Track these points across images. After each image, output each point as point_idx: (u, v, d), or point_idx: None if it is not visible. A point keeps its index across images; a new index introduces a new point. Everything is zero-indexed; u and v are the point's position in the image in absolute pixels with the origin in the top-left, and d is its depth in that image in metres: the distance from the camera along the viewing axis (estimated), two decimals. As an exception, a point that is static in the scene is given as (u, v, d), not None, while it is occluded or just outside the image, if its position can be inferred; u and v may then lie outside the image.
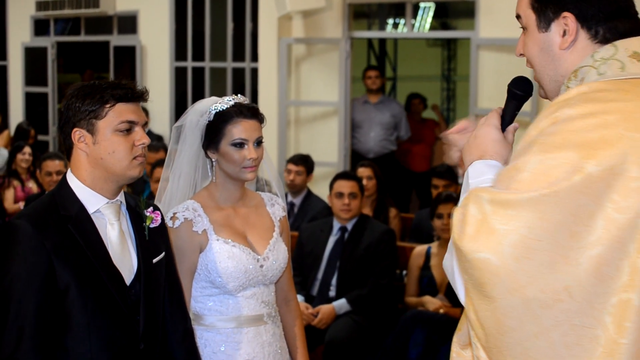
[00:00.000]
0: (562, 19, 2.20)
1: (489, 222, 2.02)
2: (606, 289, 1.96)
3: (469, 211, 2.07)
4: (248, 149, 3.40)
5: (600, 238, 1.95)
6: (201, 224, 3.42)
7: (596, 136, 1.98)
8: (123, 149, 2.81)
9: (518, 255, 1.98)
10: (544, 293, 1.97)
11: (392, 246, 6.38)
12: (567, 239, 1.96)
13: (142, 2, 11.48)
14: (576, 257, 1.95)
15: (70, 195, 2.84)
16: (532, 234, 1.97)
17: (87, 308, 2.77)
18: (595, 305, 1.96)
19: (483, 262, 2.01)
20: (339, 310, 6.16)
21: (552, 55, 2.24)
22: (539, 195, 1.97)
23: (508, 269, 1.99)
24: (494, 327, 2.05)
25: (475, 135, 2.34)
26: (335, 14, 9.59)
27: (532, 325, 2.00)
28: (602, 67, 2.14)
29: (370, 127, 9.99)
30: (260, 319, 3.49)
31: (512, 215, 1.99)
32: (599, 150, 1.96)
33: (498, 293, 2.01)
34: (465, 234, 2.05)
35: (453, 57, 18.40)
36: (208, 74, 11.12)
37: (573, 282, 1.96)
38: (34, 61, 12.74)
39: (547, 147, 2.02)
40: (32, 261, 2.70)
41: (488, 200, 2.05)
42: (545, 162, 2.00)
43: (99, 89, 2.81)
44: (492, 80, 8.77)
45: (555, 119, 2.06)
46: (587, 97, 2.08)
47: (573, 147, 1.98)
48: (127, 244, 2.92)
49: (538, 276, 1.97)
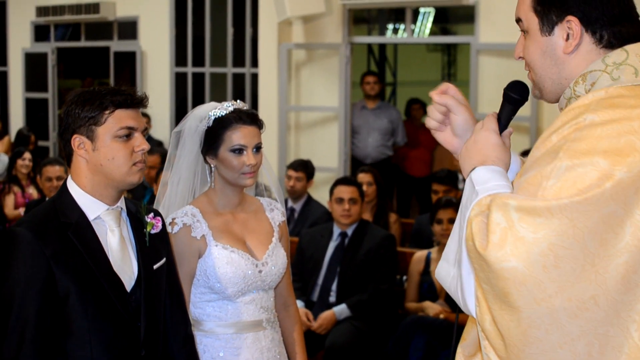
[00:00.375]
0: (565, 22, 2.18)
1: (516, 230, 1.98)
2: (632, 297, 1.95)
3: (493, 219, 2.03)
4: (247, 155, 3.40)
5: (628, 245, 1.94)
6: (200, 230, 3.42)
7: (622, 142, 1.97)
8: (123, 155, 2.81)
9: (547, 263, 1.95)
10: (571, 302, 1.95)
11: (393, 251, 6.38)
12: (597, 247, 1.94)
13: (142, 7, 11.50)
14: (604, 265, 1.94)
15: (71, 202, 2.84)
16: (563, 242, 1.94)
17: (87, 314, 2.76)
18: (621, 313, 1.95)
19: (510, 271, 1.97)
20: (339, 315, 6.16)
21: (554, 59, 2.23)
22: (570, 203, 1.95)
23: (536, 278, 1.96)
24: (517, 337, 2.01)
25: (475, 140, 2.30)
26: (335, 19, 9.60)
27: (558, 335, 1.97)
28: (615, 72, 2.13)
29: (368, 132, 10.00)
30: (260, 325, 3.49)
31: (541, 223, 1.96)
32: (627, 157, 1.96)
33: (524, 303, 1.98)
34: (490, 243, 2.01)
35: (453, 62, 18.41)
36: (208, 80, 11.13)
37: (600, 290, 1.94)
38: (34, 67, 12.76)
39: (575, 154, 2.00)
40: (31, 268, 2.70)
41: (515, 207, 2.01)
42: (573, 169, 1.98)
43: (98, 95, 2.81)
44: (492, 85, 8.78)
45: (578, 124, 2.05)
46: (608, 102, 2.06)
47: (601, 154, 1.97)
48: (127, 251, 2.92)
49: (566, 285, 1.95)
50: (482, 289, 2.07)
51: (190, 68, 11.27)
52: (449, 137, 2.46)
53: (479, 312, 2.10)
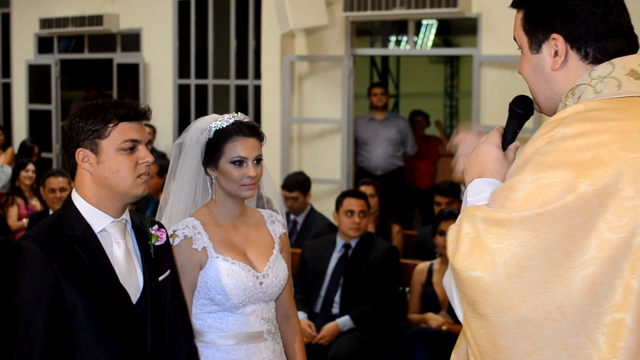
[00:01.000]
0: (551, 40, 2.22)
1: (482, 240, 2.03)
2: (599, 309, 1.96)
3: (463, 229, 2.08)
4: (247, 167, 3.41)
5: (593, 257, 1.95)
6: (201, 242, 3.43)
7: (589, 155, 1.99)
8: (127, 167, 2.82)
9: (511, 274, 1.98)
10: (537, 312, 1.97)
11: (396, 263, 6.39)
12: (561, 258, 1.96)
13: (146, 19, 11.54)
14: (570, 276, 1.96)
15: (76, 214, 2.85)
16: (526, 253, 1.97)
17: (95, 327, 2.77)
18: (588, 324, 1.96)
19: (476, 280, 2.02)
20: (342, 327, 6.16)
21: (544, 76, 2.26)
22: (532, 215, 1.98)
23: (501, 287, 1.99)
24: (488, 345, 2.06)
25: (476, 153, 2.35)
26: (337, 32, 9.63)
27: (525, 344, 2.00)
28: (598, 85, 2.15)
29: (377, 143, 9.99)
30: (260, 336, 3.49)
31: (505, 234, 2.00)
32: (592, 170, 1.97)
33: (491, 311, 2.02)
34: (458, 252, 2.06)
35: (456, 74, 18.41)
36: (211, 91, 11.15)
37: (566, 301, 1.96)
38: (38, 79, 12.80)
39: (541, 167, 2.03)
40: (39, 282, 2.71)
41: (481, 218, 2.06)
42: (538, 182, 2.01)
43: (102, 108, 2.82)
44: (495, 97, 8.80)
45: (550, 137, 2.08)
46: (583, 116, 2.09)
47: (566, 167, 1.99)
48: (133, 263, 2.93)
49: (531, 295, 1.97)
50: (459, 296, 2.11)
51: (193, 80, 11.30)
52: None
53: (463, 319, 2.14)
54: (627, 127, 2.03)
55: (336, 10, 9.46)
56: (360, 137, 10.06)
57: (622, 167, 1.97)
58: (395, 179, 9.99)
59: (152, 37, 11.55)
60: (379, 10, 9.06)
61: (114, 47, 12.06)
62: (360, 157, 10.09)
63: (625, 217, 1.95)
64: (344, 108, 9.71)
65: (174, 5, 11.28)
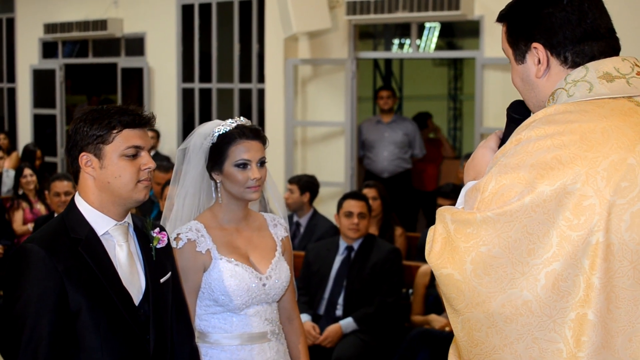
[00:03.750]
0: (533, 49, 2.28)
1: (452, 239, 2.14)
2: (565, 304, 2.03)
3: (437, 229, 2.20)
4: (251, 170, 3.45)
5: (555, 254, 2.02)
6: (204, 244, 3.46)
7: (550, 157, 2.06)
8: (129, 173, 2.85)
9: (478, 271, 2.08)
10: (505, 307, 2.06)
11: (399, 265, 6.41)
12: (524, 256, 2.04)
13: (150, 24, 11.57)
14: (534, 273, 2.03)
15: (80, 218, 2.88)
16: (490, 252, 2.06)
17: (99, 329, 2.79)
18: (555, 319, 2.03)
19: (447, 277, 2.12)
20: (345, 329, 6.18)
21: (531, 84, 2.32)
22: (493, 215, 2.07)
23: (470, 284, 2.09)
24: (464, 339, 2.16)
25: (473, 157, 2.42)
26: (341, 35, 9.65)
27: (497, 338, 2.08)
28: (571, 89, 2.21)
29: (384, 146, 10.00)
30: (264, 336, 3.53)
31: (470, 233, 2.10)
32: (551, 170, 2.04)
33: (464, 307, 2.12)
34: (432, 251, 2.18)
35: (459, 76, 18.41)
36: (215, 95, 11.18)
37: (532, 297, 2.03)
38: (42, 83, 12.83)
39: (504, 169, 2.11)
40: (45, 284, 2.73)
41: (450, 219, 2.16)
42: (501, 183, 2.10)
43: (106, 114, 2.85)
44: (498, 99, 8.82)
45: (517, 140, 2.15)
46: (548, 119, 2.15)
47: (527, 168, 2.07)
48: (135, 265, 2.96)
49: (498, 291, 2.06)
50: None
51: (197, 84, 11.33)
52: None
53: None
54: (589, 128, 2.09)
55: (339, 13, 9.49)
56: (366, 140, 10.08)
57: (582, 167, 2.03)
58: (403, 182, 10.00)
59: (156, 41, 11.59)
60: (381, 13, 9.09)
61: (118, 52, 12.10)
62: (366, 160, 10.11)
63: (583, 215, 2.01)
64: (347, 111, 9.74)
65: (177, 10, 11.32)
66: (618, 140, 2.06)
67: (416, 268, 6.63)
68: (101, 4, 11.83)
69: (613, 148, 2.05)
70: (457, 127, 17.90)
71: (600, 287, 2.00)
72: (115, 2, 11.76)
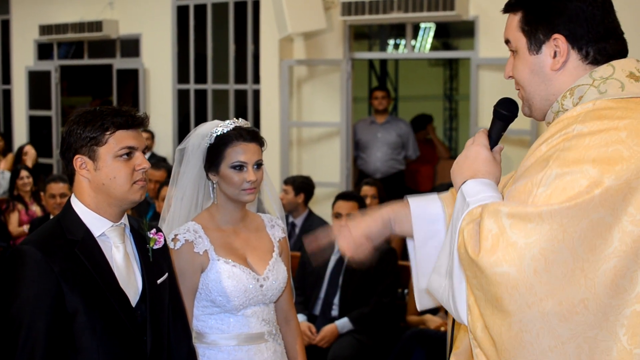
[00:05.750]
0: (552, 40, 2.27)
1: (507, 235, 2.06)
2: (620, 301, 2.01)
3: (485, 226, 2.10)
4: (247, 172, 3.45)
5: (616, 250, 2.01)
6: (202, 245, 3.47)
7: (610, 151, 2.05)
8: (124, 174, 2.85)
9: (538, 268, 2.02)
10: (562, 305, 2.02)
11: (394, 265, 6.41)
12: (586, 252, 2.01)
13: (145, 25, 11.57)
14: (593, 269, 2.01)
15: (76, 219, 2.88)
16: (553, 247, 2.02)
17: (96, 330, 2.80)
18: (609, 317, 2.02)
19: (502, 275, 2.04)
20: (341, 329, 6.19)
21: (542, 77, 2.30)
22: (560, 208, 2.02)
23: (527, 282, 2.02)
24: (508, 342, 2.08)
25: (466, 156, 2.38)
26: (336, 36, 9.66)
27: (548, 338, 2.04)
28: (602, 86, 2.20)
29: (377, 147, 9.99)
30: (261, 337, 3.53)
31: (532, 228, 2.03)
32: (615, 165, 2.03)
33: (516, 307, 2.05)
34: (482, 249, 2.08)
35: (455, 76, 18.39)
36: (210, 96, 11.18)
37: (590, 294, 2.01)
38: (38, 85, 12.82)
39: (564, 162, 2.07)
40: (41, 286, 2.73)
41: (507, 214, 2.08)
42: (563, 177, 2.05)
43: (99, 116, 2.86)
44: (493, 99, 8.70)
45: (567, 135, 2.12)
46: (595, 114, 2.14)
47: (590, 162, 2.04)
48: (132, 266, 2.96)
49: (557, 289, 2.02)
50: (474, 295, 2.13)
51: (193, 85, 11.33)
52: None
53: (471, 320, 2.16)
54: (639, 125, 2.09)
55: (334, 14, 9.49)
56: (360, 140, 10.08)
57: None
58: (396, 183, 9.99)
59: (151, 42, 11.58)
60: (376, 14, 9.09)
61: (113, 53, 12.09)
62: (360, 161, 10.11)
63: None
64: (342, 112, 9.74)
65: (172, 11, 11.32)
66: None
67: (412, 268, 6.62)
68: (96, 5, 11.82)
69: None
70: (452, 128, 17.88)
71: None
72: (110, 4, 11.75)
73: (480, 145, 2.38)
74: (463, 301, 2.19)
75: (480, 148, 2.37)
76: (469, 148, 2.39)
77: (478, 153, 2.37)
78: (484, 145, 2.38)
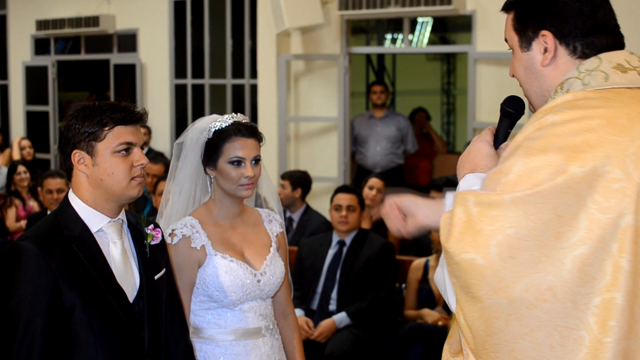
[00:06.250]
0: (541, 37, 2.29)
1: (474, 223, 2.09)
2: (590, 289, 2.02)
3: (456, 214, 2.14)
4: (245, 167, 3.45)
5: (583, 238, 2.01)
6: (199, 240, 3.47)
7: (579, 139, 2.06)
8: (122, 170, 2.85)
9: (503, 255, 2.04)
10: (528, 292, 2.03)
11: (392, 259, 6.41)
12: (552, 239, 2.02)
13: (142, 20, 11.56)
14: (560, 257, 2.02)
15: (73, 215, 2.88)
16: (517, 234, 2.03)
17: (93, 326, 2.79)
18: (579, 305, 2.02)
19: (469, 262, 2.07)
20: (339, 323, 6.19)
21: (535, 73, 2.33)
22: (523, 196, 2.04)
23: (493, 268, 2.05)
24: (481, 328, 2.11)
25: (468, 151, 2.42)
26: (333, 30, 9.65)
27: (518, 325, 2.05)
28: (586, 78, 2.22)
29: (376, 141, 10.00)
30: (259, 332, 3.53)
31: (497, 215, 2.06)
32: (582, 153, 2.04)
33: (484, 293, 2.07)
34: (451, 236, 2.12)
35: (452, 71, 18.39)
36: (208, 91, 11.18)
37: (557, 282, 2.02)
38: (35, 80, 12.81)
39: (532, 151, 2.09)
40: (38, 282, 2.73)
41: (474, 202, 2.12)
42: (529, 165, 2.07)
43: (98, 111, 2.84)
44: (491, 94, 8.82)
45: (540, 124, 2.14)
46: (571, 104, 2.15)
47: (557, 150, 2.06)
48: (129, 262, 2.96)
49: (522, 275, 2.03)
50: (452, 282, 2.17)
51: (190, 80, 11.33)
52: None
53: (457, 308, 2.20)
54: (614, 114, 2.10)
55: (331, 8, 9.49)
56: (359, 135, 10.08)
57: (610, 150, 2.04)
58: (395, 177, 9.99)
59: (148, 37, 11.57)
60: (374, 8, 9.09)
61: (110, 48, 12.08)
62: (359, 155, 10.11)
63: (613, 198, 2.01)
64: (340, 106, 9.74)
65: (169, 6, 11.31)
66: None
67: (409, 262, 6.64)
68: (93, 0, 11.81)
69: (639, 133, 2.07)
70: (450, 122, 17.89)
71: (630, 269, 2.01)
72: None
73: (482, 142, 2.41)
74: (452, 290, 2.22)
75: (482, 144, 2.40)
76: (472, 143, 2.43)
77: (479, 149, 2.40)
78: (486, 141, 2.41)
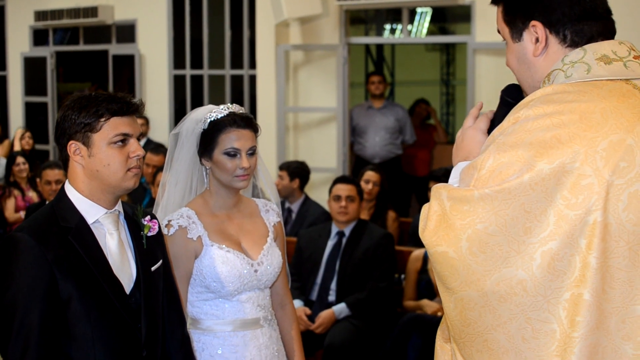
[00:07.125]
0: (531, 27, 2.28)
1: (447, 217, 2.13)
2: (560, 284, 2.04)
3: (432, 207, 2.19)
4: (240, 158, 3.44)
5: (552, 233, 2.03)
6: (195, 231, 3.46)
7: (549, 135, 2.07)
8: (118, 161, 2.84)
9: (473, 249, 2.08)
10: (499, 286, 2.06)
11: (391, 250, 6.41)
12: (521, 234, 2.05)
13: (140, 11, 11.54)
14: (530, 252, 2.04)
15: (70, 206, 2.87)
16: (486, 229, 2.07)
17: (90, 318, 2.79)
18: (550, 299, 2.04)
19: (442, 255, 2.12)
20: (338, 314, 6.19)
21: (527, 63, 2.32)
22: (491, 192, 2.07)
23: (465, 262, 2.09)
24: (457, 318, 2.16)
25: (462, 138, 2.42)
26: (332, 21, 9.64)
27: (490, 317, 2.09)
28: (569, 70, 2.21)
29: (375, 132, 10.01)
30: (257, 323, 3.53)
31: (467, 210, 2.10)
32: (550, 149, 2.05)
33: (457, 285, 2.12)
34: (427, 228, 2.17)
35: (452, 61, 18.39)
36: (207, 82, 11.17)
37: (527, 276, 2.04)
38: (34, 71, 12.79)
39: (503, 147, 2.11)
40: (34, 273, 2.72)
41: (447, 196, 2.16)
42: (500, 160, 2.10)
43: (94, 102, 2.83)
44: (490, 84, 8.81)
45: (515, 119, 2.16)
46: (547, 98, 2.16)
47: (526, 146, 2.07)
48: (126, 253, 2.95)
49: (492, 270, 2.07)
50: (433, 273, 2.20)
51: (189, 70, 11.31)
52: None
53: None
54: (588, 108, 2.10)
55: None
56: (357, 125, 10.08)
57: (581, 146, 2.04)
58: (394, 167, 10.00)
59: (147, 28, 11.55)
60: (372, -2, 9.08)
61: (109, 39, 12.06)
62: (357, 146, 10.11)
63: (581, 194, 2.02)
64: (339, 97, 9.73)
65: (168, -4, 11.30)
66: (617, 121, 2.07)
67: (408, 253, 6.64)
68: (92, -9, 11.80)
69: (612, 128, 2.06)
70: (449, 112, 17.90)
71: (597, 266, 2.02)
72: (105, -11, 11.73)
73: (476, 129, 2.41)
74: None
75: (476, 132, 2.40)
76: (467, 131, 2.42)
77: (473, 137, 2.39)
78: (480, 129, 2.40)
